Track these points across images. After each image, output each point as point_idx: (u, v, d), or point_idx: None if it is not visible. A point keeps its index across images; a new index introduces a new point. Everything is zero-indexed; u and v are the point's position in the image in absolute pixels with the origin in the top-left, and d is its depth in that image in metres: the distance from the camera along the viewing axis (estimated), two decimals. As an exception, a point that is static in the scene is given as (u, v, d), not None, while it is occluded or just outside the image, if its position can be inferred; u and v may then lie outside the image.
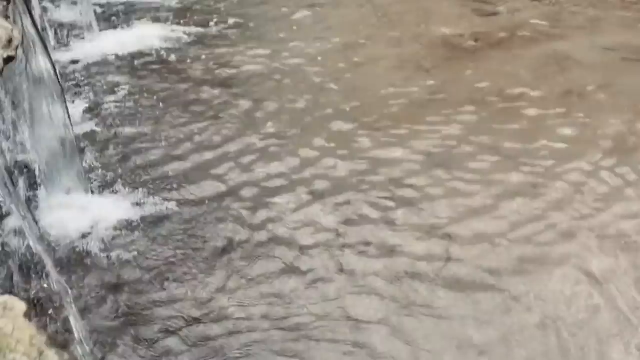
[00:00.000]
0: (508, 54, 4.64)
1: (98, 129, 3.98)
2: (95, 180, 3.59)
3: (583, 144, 3.77)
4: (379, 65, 4.55)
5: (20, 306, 1.86)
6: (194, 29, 5.08)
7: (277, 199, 3.45)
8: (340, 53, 4.69)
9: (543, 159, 3.67)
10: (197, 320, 2.80)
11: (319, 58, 4.65)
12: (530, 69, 4.44)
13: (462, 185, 3.51)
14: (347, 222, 3.31)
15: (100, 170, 3.67)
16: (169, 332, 2.75)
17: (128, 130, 3.97)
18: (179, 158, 3.77)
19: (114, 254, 3.11)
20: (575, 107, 4.07)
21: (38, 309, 2.65)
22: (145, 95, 4.29)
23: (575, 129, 3.89)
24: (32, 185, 3.43)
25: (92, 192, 3.51)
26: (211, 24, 5.14)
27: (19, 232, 2.95)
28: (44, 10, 5.11)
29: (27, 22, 3.09)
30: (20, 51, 2.55)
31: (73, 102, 4.17)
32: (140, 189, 3.51)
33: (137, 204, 3.40)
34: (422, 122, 3.96)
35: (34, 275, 2.82)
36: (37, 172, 3.42)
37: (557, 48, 4.70)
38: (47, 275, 2.70)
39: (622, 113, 4.02)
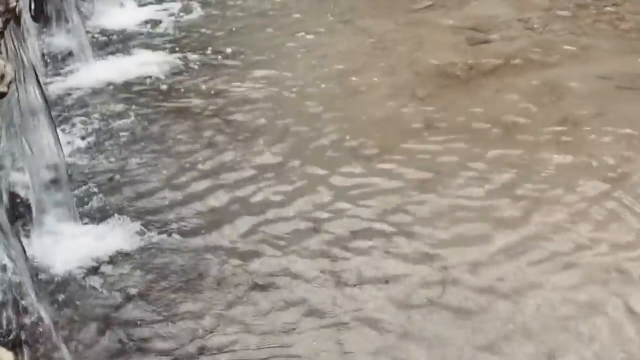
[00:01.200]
0: (501, 82, 4.65)
1: (91, 159, 3.97)
2: (86, 210, 3.58)
3: (578, 172, 3.77)
4: (373, 93, 4.55)
5: (8, 357, 1.81)
6: (190, 57, 5.08)
7: (272, 229, 3.44)
8: (335, 81, 4.70)
9: (537, 187, 3.67)
10: (193, 357, 2.77)
11: (314, 86, 4.65)
12: (524, 98, 4.45)
13: (457, 213, 3.51)
14: (343, 249, 3.30)
15: (91, 199, 3.65)
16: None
17: (121, 159, 3.96)
18: (174, 187, 3.76)
19: (105, 287, 3.09)
20: (569, 136, 4.07)
21: (26, 351, 2.62)
22: (140, 124, 4.29)
23: (570, 157, 3.89)
24: (23, 215, 3.42)
25: (84, 222, 3.49)
26: (207, 52, 5.14)
27: (4, 266, 2.93)
28: (39, 37, 5.13)
29: (20, 53, 3.09)
30: (13, 87, 2.54)
31: (66, 131, 4.17)
32: (133, 219, 3.49)
33: (130, 234, 3.39)
34: (417, 150, 3.97)
35: (21, 312, 2.78)
36: (27, 202, 3.41)
37: (550, 76, 4.71)
38: (36, 312, 2.67)
39: (616, 141, 4.02)
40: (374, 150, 3.98)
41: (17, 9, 2.67)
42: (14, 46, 2.94)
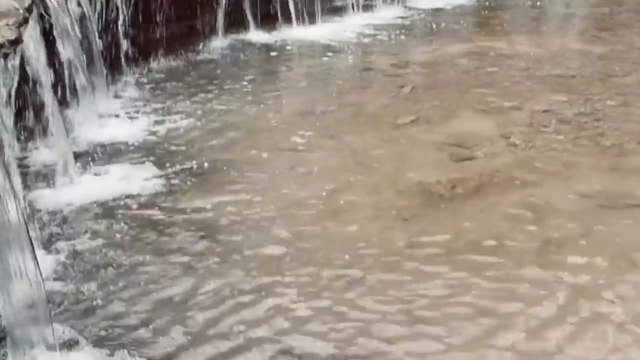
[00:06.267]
0: (485, 201, 4.65)
1: (69, 281, 3.90)
2: (62, 336, 3.49)
3: (562, 299, 3.73)
4: (356, 213, 4.54)
5: None
6: (170, 171, 5.07)
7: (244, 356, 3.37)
8: (318, 201, 4.68)
9: (524, 318, 3.61)
10: None
11: (296, 205, 4.64)
12: (508, 218, 4.45)
13: (440, 345, 3.44)
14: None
15: (68, 324, 3.57)
16: None
17: (100, 283, 3.89)
18: (150, 311, 3.69)
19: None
20: (552, 259, 4.05)
21: None
22: (120, 244, 4.23)
23: (553, 283, 3.85)
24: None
25: (59, 349, 3.41)
26: (188, 166, 5.14)
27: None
28: (23, 151, 5.13)
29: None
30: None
31: (45, 252, 4.11)
32: (109, 346, 3.41)
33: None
34: (400, 279, 3.90)
35: None
36: (2, 327, 3.33)
37: (533, 194, 4.73)
38: None
39: (602, 264, 4.00)
40: (357, 275, 3.93)
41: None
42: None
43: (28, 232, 3.47)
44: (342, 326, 3.56)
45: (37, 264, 3.46)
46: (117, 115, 6.01)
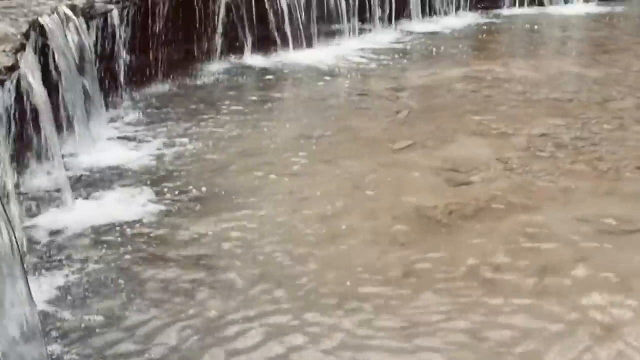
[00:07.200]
0: (482, 226, 4.64)
1: (63, 309, 3.87)
2: (59, 366, 3.48)
3: (562, 327, 3.70)
4: (353, 238, 4.52)
5: None
6: (167, 197, 5.06)
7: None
8: (315, 226, 4.67)
9: (520, 348, 3.57)
10: None
11: (293, 231, 4.62)
12: (504, 244, 4.43)
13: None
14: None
15: (63, 352, 3.54)
16: None
17: (94, 312, 3.85)
18: (147, 340, 3.66)
19: None
20: (551, 286, 4.02)
21: None
22: (115, 271, 4.21)
23: (550, 310, 3.82)
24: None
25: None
26: (185, 191, 5.13)
27: None
28: (19, 177, 5.11)
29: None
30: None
31: (39, 279, 4.08)
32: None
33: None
34: (396, 305, 3.88)
35: None
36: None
37: (530, 220, 4.71)
38: None
39: (600, 290, 3.97)
40: (353, 303, 3.89)
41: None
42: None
43: (22, 259, 3.45)
44: (340, 353, 3.53)
45: (30, 291, 3.43)
46: (113, 140, 6.01)
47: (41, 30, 5.38)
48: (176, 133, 6.15)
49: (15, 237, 3.49)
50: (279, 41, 8.41)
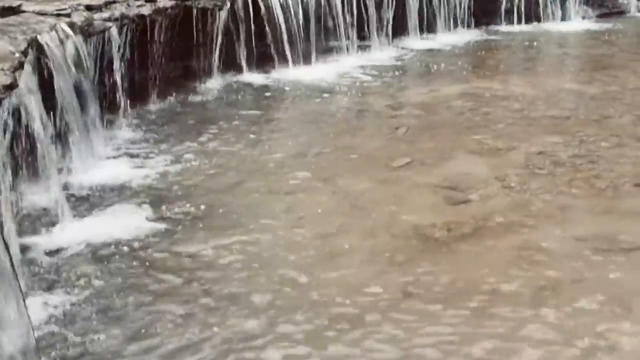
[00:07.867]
0: (480, 245, 4.63)
1: (61, 329, 3.85)
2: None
3: (559, 346, 3.69)
4: (351, 258, 4.51)
5: None
6: (165, 215, 5.05)
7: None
8: (313, 244, 4.66)
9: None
10: None
11: (291, 250, 4.61)
12: (503, 263, 4.43)
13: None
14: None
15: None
16: None
17: (91, 330, 3.85)
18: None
19: None
20: (549, 305, 4.01)
21: None
22: (112, 290, 4.20)
23: (549, 329, 3.81)
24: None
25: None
26: (182, 209, 5.12)
27: None
28: (17, 194, 5.10)
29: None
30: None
31: (36, 298, 4.07)
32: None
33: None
34: (395, 325, 3.87)
35: None
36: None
37: (528, 238, 4.71)
38: None
39: (597, 309, 3.97)
40: (350, 324, 3.88)
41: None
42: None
43: (17, 278, 3.44)
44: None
45: (27, 310, 3.42)
46: (112, 158, 6.00)
47: (40, 48, 5.39)
48: (175, 150, 6.15)
49: (11, 256, 3.48)
50: (277, 58, 8.41)
